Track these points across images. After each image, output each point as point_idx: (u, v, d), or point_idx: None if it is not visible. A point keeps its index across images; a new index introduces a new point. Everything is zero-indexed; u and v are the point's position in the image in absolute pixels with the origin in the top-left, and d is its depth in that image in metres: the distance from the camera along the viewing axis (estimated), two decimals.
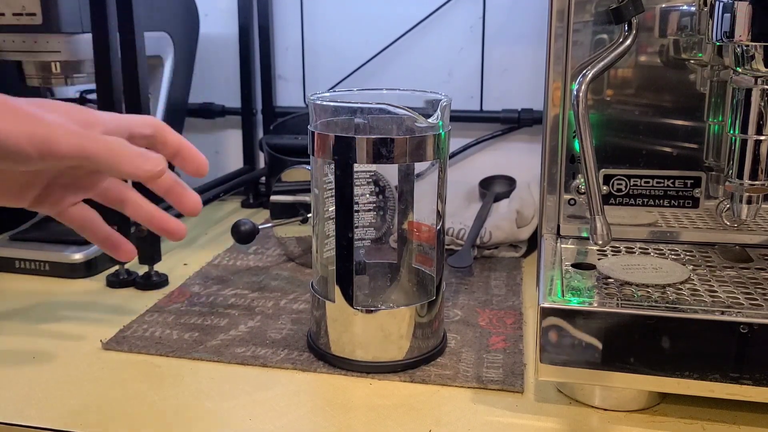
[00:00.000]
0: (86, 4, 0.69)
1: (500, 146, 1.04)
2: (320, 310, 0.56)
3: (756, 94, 0.50)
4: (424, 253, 0.60)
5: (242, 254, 0.83)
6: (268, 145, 1.01)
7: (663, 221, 0.62)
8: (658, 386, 0.47)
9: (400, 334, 0.54)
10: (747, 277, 0.54)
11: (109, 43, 0.68)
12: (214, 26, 1.08)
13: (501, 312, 0.66)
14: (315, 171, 0.57)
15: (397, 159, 0.51)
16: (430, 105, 0.55)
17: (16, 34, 0.73)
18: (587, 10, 0.59)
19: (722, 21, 0.48)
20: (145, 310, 0.67)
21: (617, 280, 0.53)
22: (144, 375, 0.55)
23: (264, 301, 0.69)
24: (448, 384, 0.53)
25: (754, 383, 0.45)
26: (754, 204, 0.52)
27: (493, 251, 0.81)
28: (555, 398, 0.51)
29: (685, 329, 0.46)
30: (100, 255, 0.76)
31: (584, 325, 0.47)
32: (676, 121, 0.60)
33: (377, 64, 1.04)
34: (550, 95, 0.61)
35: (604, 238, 0.51)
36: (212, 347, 0.59)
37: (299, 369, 0.56)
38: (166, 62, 0.90)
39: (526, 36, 0.99)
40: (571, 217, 0.63)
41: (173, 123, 0.94)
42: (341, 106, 0.54)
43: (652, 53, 0.59)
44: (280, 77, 1.09)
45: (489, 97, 1.02)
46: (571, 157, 0.62)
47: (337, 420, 0.49)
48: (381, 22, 1.02)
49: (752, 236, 0.61)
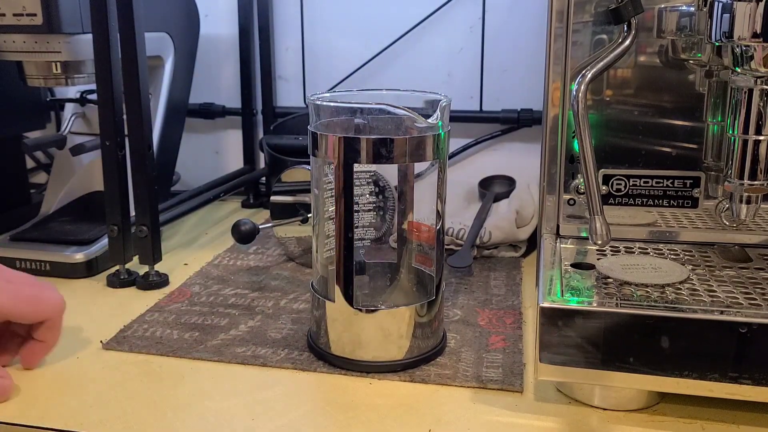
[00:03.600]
0: (87, 5, 0.69)
1: (500, 146, 1.04)
2: (320, 309, 0.56)
3: (755, 94, 0.50)
4: (423, 253, 0.60)
5: (242, 254, 0.83)
6: (269, 145, 1.01)
7: (662, 221, 0.62)
8: (657, 386, 0.47)
9: (399, 334, 0.54)
10: (746, 277, 0.54)
11: (109, 44, 0.68)
12: (214, 27, 1.08)
13: (501, 312, 0.66)
14: (315, 171, 0.57)
15: (397, 159, 0.51)
16: (429, 105, 0.55)
17: (17, 35, 0.73)
18: (587, 11, 0.59)
19: (721, 21, 0.48)
20: (146, 310, 0.67)
21: (616, 280, 0.53)
22: (144, 375, 0.55)
23: (264, 300, 0.69)
24: (448, 384, 0.53)
25: (753, 383, 0.45)
26: (753, 204, 0.52)
27: (492, 251, 0.81)
28: (554, 398, 0.51)
29: (685, 329, 0.46)
30: (101, 255, 0.76)
31: (583, 324, 0.47)
32: (676, 121, 0.60)
33: (377, 65, 1.04)
34: (549, 95, 0.61)
35: (603, 238, 0.52)
36: (212, 347, 0.59)
37: (299, 369, 0.56)
38: (166, 62, 0.90)
39: (525, 36, 0.99)
40: (570, 217, 0.63)
41: (173, 123, 0.94)
42: (341, 107, 0.54)
43: (652, 53, 0.59)
44: (280, 77, 1.09)
45: (488, 97, 1.02)
46: (571, 157, 0.62)
47: (337, 420, 0.49)
48: (381, 22, 1.02)
49: (751, 236, 0.61)
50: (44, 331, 0.54)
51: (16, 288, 0.53)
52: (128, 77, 0.69)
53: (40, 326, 0.54)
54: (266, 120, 1.09)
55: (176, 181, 1.02)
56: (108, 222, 0.72)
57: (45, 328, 0.54)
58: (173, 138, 0.96)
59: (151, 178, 0.71)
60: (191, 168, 1.12)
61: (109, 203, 0.72)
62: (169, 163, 0.97)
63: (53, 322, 0.55)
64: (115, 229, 0.72)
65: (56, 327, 0.55)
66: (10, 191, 0.93)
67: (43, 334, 0.54)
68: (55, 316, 0.55)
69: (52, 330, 0.55)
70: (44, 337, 0.55)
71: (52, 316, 0.54)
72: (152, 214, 0.72)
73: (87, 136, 0.86)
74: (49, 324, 0.54)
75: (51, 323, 0.54)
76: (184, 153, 1.01)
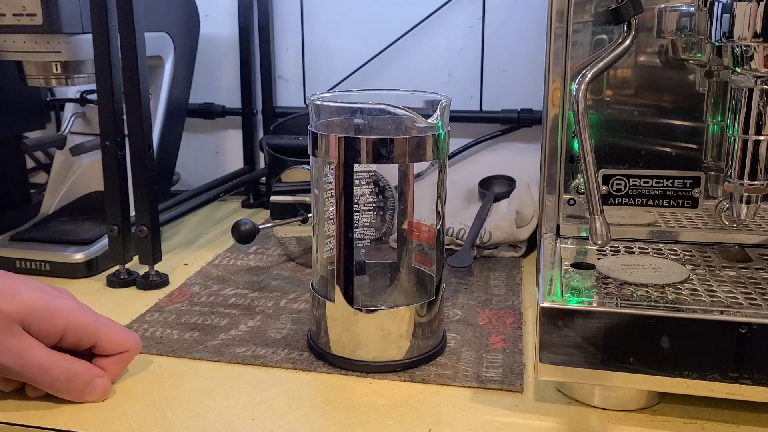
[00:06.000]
0: (87, 5, 0.69)
1: (500, 146, 1.04)
2: (320, 309, 0.56)
3: (755, 94, 0.50)
4: (423, 253, 0.60)
5: (242, 254, 0.83)
6: (269, 145, 1.01)
7: (662, 221, 0.62)
8: (657, 386, 0.47)
9: (399, 334, 0.54)
10: (746, 276, 0.54)
11: (109, 44, 0.68)
12: (214, 27, 1.08)
13: (500, 312, 0.66)
14: (315, 171, 0.57)
15: (397, 159, 0.51)
16: (429, 105, 0.55)
17: (17, 35, 0.73)
18: (587, 11, 0.59)
19: (721, 21, 0.48)
20: (146, 310, 0.67)
21: (616, 280, 0.53)
22: (144, 374, 0.55)
23: (264, 300, 0.69)
24: (448, 383, 0.53)
25: (753, 383, 0.45)
26: (753, 204, 0.52)
27: (492, 251, 0.81)
28: (554, 398, 0.51)
29: (684, 329, 0.46)
30: (101, 255, 0.76)
31: (583, 324, 0.47)
32: (676, 122, 0.60)
33: (377, 65, 1.04)
34: (549, 95, 0.61)
35: (603, 238, 0.52)
36: (212, 347, 0.59)
37: (299, 369, 0.56)
38: (166, 62, 0.90)
39: (525, 36, 0.99)
40: (570, 217, 0.63)
41: (173, 123, 0.94)
42: (341, 107, 0.54)
43: (652, 53, 0.59)
44: (280, 78, 1.09)
45: (488, 97, 1.02)
46: (571, 157, 0.62)
47: (337, 420, 0.49)
48: (381, 22, 1.02)
49: (751, 236, 0.61)
50: (113, 362, 0.52)
51: (108, 321, 0.53)
52: (128, 77, 0.69)
53: (110, 357, 0.52)
54: (266, 120, 1.09)
55: (176, 181, 1.02)
56: (108, 222, 0.72)
57: (117, 360, 0.52)
58: (173, 138, 0.96)
59: (151, 178, 0.71)
60: (191, 168, 1.12)
61: (109, 203, 0.72)
62: (169, 163, 0.97)
63: (129, 355, 0.53)
64: (115, 229, 0.72)
65: (126, 363, 0.54)
66: (10, 191, 0.93)
67: (111, 365, 0.52)
68: (134, 351, 0.53)
69: (120, 364, 0.53)
70: (110, 368, 0.52)
71: (131, 349, 0.53)
72: (152, 214, 0.72)
73: (87, 136, 0.86)
74: (124, 357, 0.53)
75: (126, 356, 0.53)
76: (184, 153, 1.01)
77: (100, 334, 0.51)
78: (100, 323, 0.52)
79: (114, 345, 0.52)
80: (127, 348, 0.53)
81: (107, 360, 0.52)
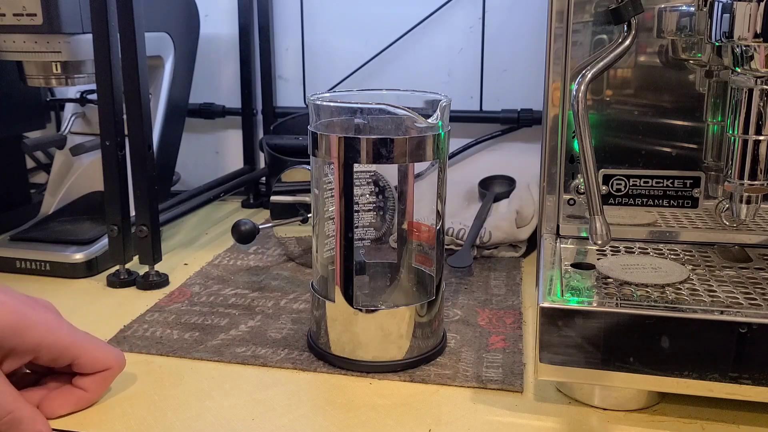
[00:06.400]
0: (87, 5, 0.69)
1: (500, 146, 1.04)
2: (320, 309, 0.56)
3: (755, 94, 0.50)
4: (423, 253, 0.60)
5: (242, 254, 0.83)
6: (269, 145, 1.01)
7: (662, 221, 0.62)
8: (657, 386, 0.47)
9: (399, 334, 0.54)
10: (746, 276, 0.54)
11: (109, 44, 0.68)
12: (214, 27, 1.08)
13: (501, 312, 0.66)
14: (315, 171, 0.57)
15: (397, 159, 0.51)
16: (429, 105, 0.55)
17: (17, 35, 0.73)
18: (587, 11, 0.59)
19: (721, 21, 0.48)
20: (146, 310, 0.67)
21: (616, 280, 0.53)
22: (144, 375, 0.55)
23: (264, 300, 0.69)
24: (448, 383, 0.53)
25: (753, 383, 0.45)
26: (753, 204, 0.52)
27: (492, 251, 0.81)
28: (554, 398, 0.51)
29: (684, 329, 0.46)
30: (101, 255, 0.76)
31: (583, 324, 0.47)
32: (676, 121, 0.60)
33: (377, 65, 1.04)
34: (549, 95, 0.61)
35: (603, 238, 0.52)
36: (213, 347, 0.59)
37: (299, 369, 0.56)
38: (166, 62, 0.90)
39: (525, 36, 0.99)
40: (570, 217, 0.63)
41: (173, 123, 0.94)
42: (341, 107, 0.54)
43: (652, 53, 0.59)
44: (280, 78, 1.09)
45: (488, 97, 1.02)
46: (571, 157, 0.62)
47: (337, 420, 0.49)
48: (381, 22, 1.02)
49: (751, 236, 0.61)
50: (93, 381, 0.50)
51: (88, 337, 0.50)
52: (128, 77, 0.69)
53: (91, 375, 0.50)
54: (266, 120, 1.09)
55: (176, 181, 1.02)
56: (108, 222, 0.72)
57: (98, 378, 0.50)
58: (173, 138, 0.96)
59: (151, 178, 0.71)
60: (191, 168, 1.12)
61: (109, 203, 0.72)
62: (169, 163, 0.97)
63: (111, 373, 0.51)
64: (115, 229, 0.72)
65: (108, 382, 0.51)
66: (10, 191, 0.93)
67: (91, 384, 0.50)
68: (117, 369, 0.51)
69: (102, 383, 0.50)
70: (90, 387, 0.50)
71: (113, 366, 0.51)
72: (152, 214, 0.72)
73: (87, 136, 0.86)
74: (106, 375, 0.50)
75: (108, 374, 0.50)
76: (184, 153, 1.01)
77: (78, 351, 0.48)
78: (78, 339, 0.49)
79: (94, 362, 0.49)
80: (109, 366, 0.50)
81: (87, 379, 0.49)
